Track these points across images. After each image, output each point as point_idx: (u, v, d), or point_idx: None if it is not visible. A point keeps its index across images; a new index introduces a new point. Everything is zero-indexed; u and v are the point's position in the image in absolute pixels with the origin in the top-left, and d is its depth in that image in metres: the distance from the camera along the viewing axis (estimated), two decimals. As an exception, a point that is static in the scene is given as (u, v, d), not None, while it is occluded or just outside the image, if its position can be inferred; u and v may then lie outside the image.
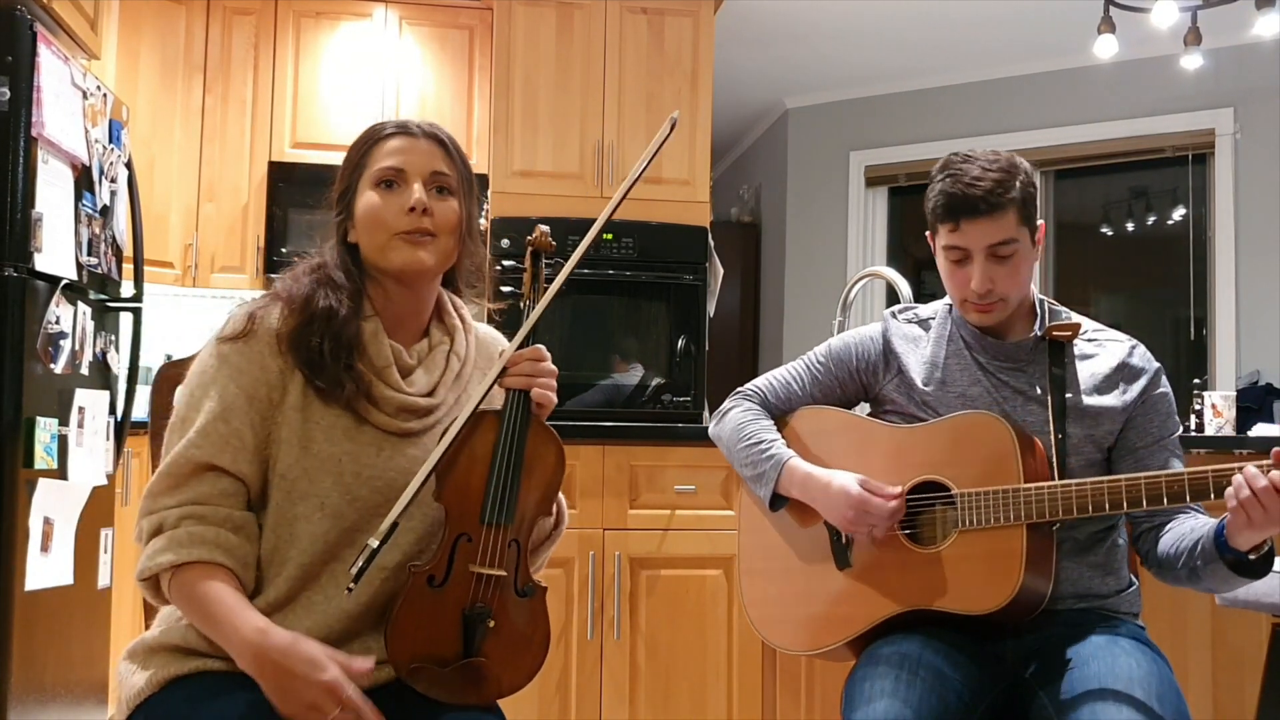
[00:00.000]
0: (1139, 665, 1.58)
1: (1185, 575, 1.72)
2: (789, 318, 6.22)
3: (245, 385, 1.47)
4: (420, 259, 1.53)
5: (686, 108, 4.28)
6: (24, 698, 2.58)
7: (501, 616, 1.48)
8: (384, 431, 1.51)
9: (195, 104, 4.44)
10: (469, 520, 1.48)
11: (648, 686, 2.92)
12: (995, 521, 1.67)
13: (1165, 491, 1.58)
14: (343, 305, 1.51)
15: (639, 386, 4.14)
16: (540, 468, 1.54)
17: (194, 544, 1.41)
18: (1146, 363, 1.84)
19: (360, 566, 1.40)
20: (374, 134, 1.59)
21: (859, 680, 1.66)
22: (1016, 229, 1.76)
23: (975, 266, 1.76)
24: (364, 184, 1.55)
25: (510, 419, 1.50)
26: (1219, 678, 2.99)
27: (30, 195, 2.61)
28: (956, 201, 1.75)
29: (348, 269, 1.56)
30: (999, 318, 1.81)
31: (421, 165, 1.55)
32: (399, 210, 1.52)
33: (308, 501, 1.47)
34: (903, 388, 1.88)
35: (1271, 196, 5.08)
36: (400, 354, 1.55)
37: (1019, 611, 1.67)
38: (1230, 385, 5.01)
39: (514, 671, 1.50)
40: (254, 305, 1.53)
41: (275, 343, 1.49)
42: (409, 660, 1.45)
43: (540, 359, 1.55)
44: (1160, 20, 3.89)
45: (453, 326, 1.64)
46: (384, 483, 1.49)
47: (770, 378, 2.02)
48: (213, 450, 1.45)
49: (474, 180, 1.64)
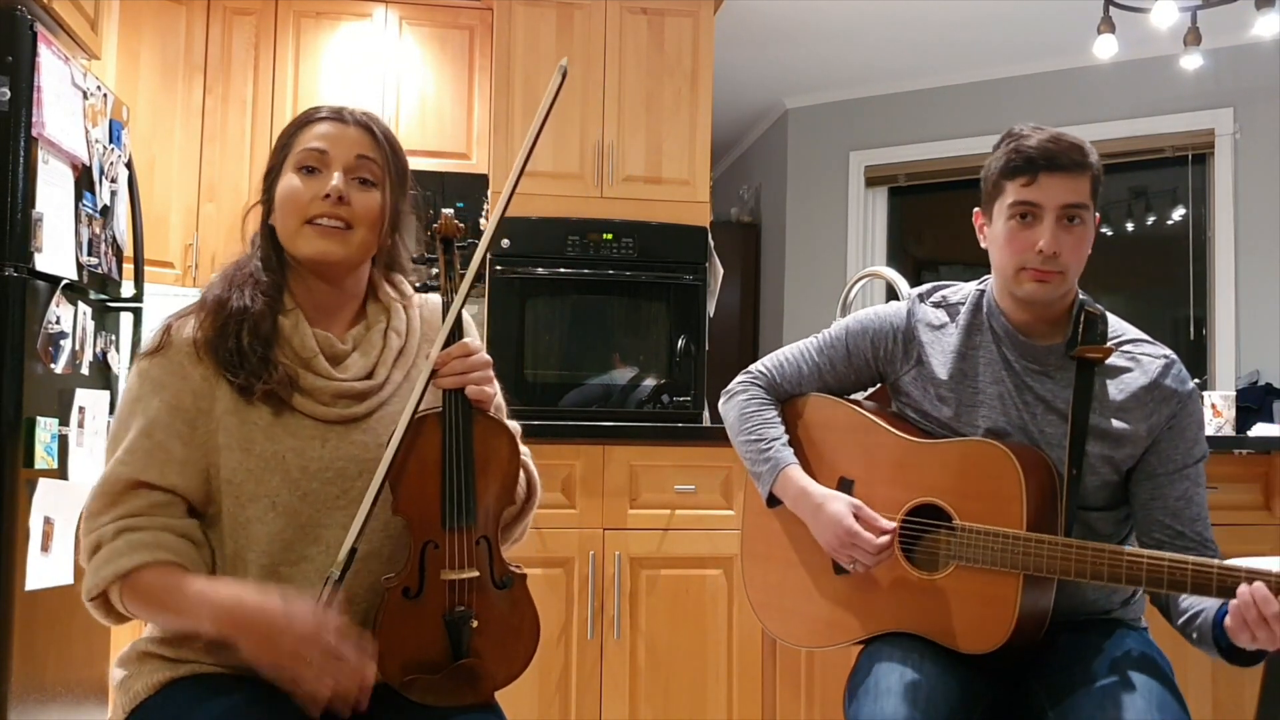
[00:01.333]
0: (1140, 673, 1.58)
1: (1180, 630, 1.68)
2: (789, 318, 6.22)
3: (168, 398, 1.45)
4: (328, 250, 1.48)
5: (686, 108, 4.28)
6: (24, 698, 2.58)
7: (484, 614, 1.46)
8: (325, 422, 1.48)
9: (195, 104, 4.44)
10: (431, 528, 1.45)
11: (648, 686, 2.92)
12: (992, 565, 1.63)
13: (1165, 578, 1.51)
14: (257, 301, 1.48)
15: (639, 386, 4.14)
16: (494, 461, 1.50)
17: (134, 550, 1.40)
18: (1180, 385, 1.71)
19: (327, 597, 1.37)
20: (305, 117, 1.55)
21: (861, 679, 1.66)
22: (1089, 198, 1.67)
23: (1046, 226, 1.65)
24: (287, 166, 1.52)
25: (451, 420, 1.46)
26: (1219, 678, 2.99)
27: (30, 195, 2.61)
28: (1036, 153, 1.65)
29: (269, 260, 1.52)
30: (1055, 292, 1.69)
31: (345, 152, 1.51)
32: (314, 195, 1.48)
33: (258, 503, 1.45)
34: (920, 381, 1.81)
35: (1271, 196, 5.08)
36: (331, 342, 1.51)
37: (1013, 650, 1.64)
38: (1230, 385, 5.01)
39: (509, 662, 1.49)
40: (171, 317, 1.52)
41: (193, 351, 1.47)
42: (401, 673, 1.43)
43: (469, 354, 1.48)
44: (1160, 20, 3.89)
45: (389, 302, 1.59)
46: (334, 473, 1.47)
47: (781, 358, 1.95)
48: (139, 467, 1.43)
49: (406, 173, 1.59)
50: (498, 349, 4.03)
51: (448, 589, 1.44)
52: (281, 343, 1.48)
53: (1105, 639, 1.68)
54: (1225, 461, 3.05)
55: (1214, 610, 1.58)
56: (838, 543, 1.74)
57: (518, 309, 4.07)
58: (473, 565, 1.45)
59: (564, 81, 1.49)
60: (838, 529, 1.73)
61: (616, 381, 4.15)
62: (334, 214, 1.48)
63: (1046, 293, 1.69)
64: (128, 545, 1.40)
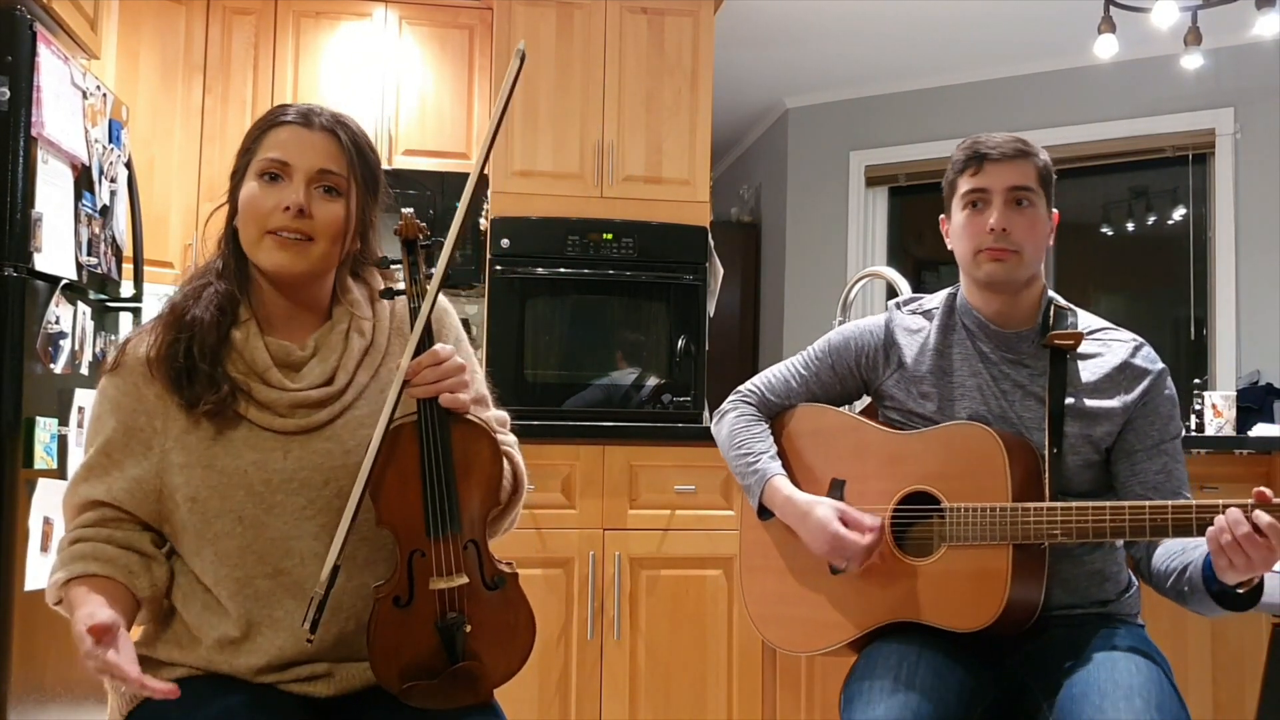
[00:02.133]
0: (1139, 672, 1.58)
1: (1174, 596, 1.71)
2: (789, 318, 6.22)
3: (123, 418, 1.46)
4: (287, 263, 1.45)
5: (686, 108, 4.28)
6: (24, 698, 2.58)
7: (477, 617, 1.45)
8: (284, 433, 1.45)
9: (195, 104, 4.44)
10: (417, 537, 1.43)
11: (648, 686, 2.92)
12: (981, 540, 1.67)
13: (1148, 524, 1.57)
14: (208, 313, 1.45)
15: (639, 386, 4.14)
16: (476, 465, 1.47)
17: (72, 562, 1.42)
18: (1150, 363, 1.81)
19: (313, 618, 1.37)
20: (271, 118, 1.49)
21: (858, 680, 1.66)
22: (1035, 183, 1.79)
23: (994, 208, 1.77)
24: (250, 171, 1.47)
25: (428, 429, 1.42)
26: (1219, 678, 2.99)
27: (30, 195, 2.61)
28: (981, 148, 1.80)
29: (228, 268, 1.49)
30: (1013, 272, 1.78)
31: (309, 161, 1.45)
32: (275, 206, 1.44)
33: (223, 518, 1.43)
34: (902, 382, 1.87)
35: (1271, 196, 5.08)
36: (288, 350, 1.48)
37: (1009, 625, 1.67)
38: (1230, 385, 5.01)
39: (506, 661, 1.49)
40: (130, 334, 1.52)
41: (146, 370, 1.45)
42: (399, 681, 1.43)
43: (440, 361, 1.43)
44: (1160, 20, 3.89)
45: (352, 303, 1.55)
46: (298, 484, 1.45)
47: (770, 375, 2.01)
48: (92, 486, 1.45)
49: (376, 177, 1.54)
50: (498, 349, 4.03)
51: (438, 597, 1.42)
52: (233, 356, 1.46)
53: (1103, 638, 1.68)
54: (1225, 461, 3.05)
55: (1200, 558, 1.63)
56: (827, 547, 1.78)
57: (518, 309, 4.07)
58: (461, 572, 1.43)
59: (522, 65, 1.45)
60: (824, 534, 1.77)
61: (616, 382, 4.15)
62: (294, 227, 1.44)
63: (1004, 272, 1.78)
64: (70, 557, 1.43)
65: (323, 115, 1.50)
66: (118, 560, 1.43)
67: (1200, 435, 3.35)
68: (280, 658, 1.44)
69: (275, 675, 1.45)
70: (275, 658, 1.44)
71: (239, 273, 1.50)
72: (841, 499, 1.84)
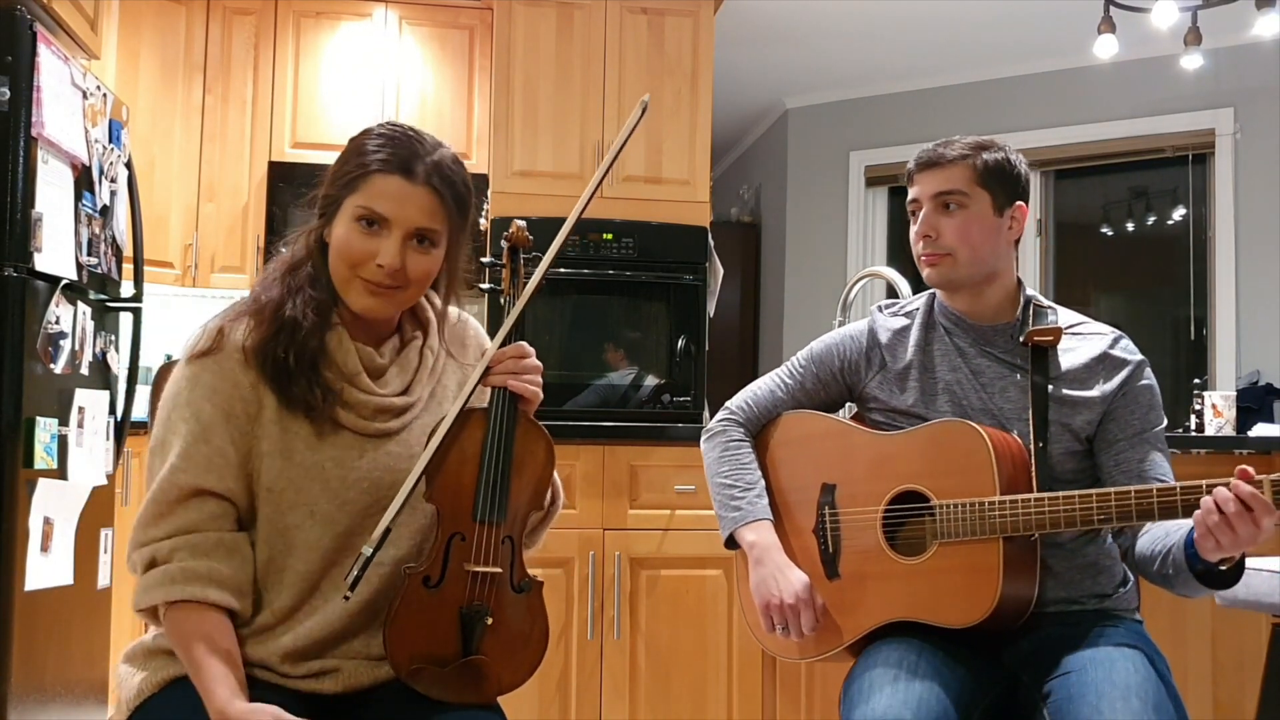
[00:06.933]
0: (1137, 671, 1.58)
1: (1160, 580, 1.72)
2: (789, 318, 6.22)
3: (220, 403, 1.46)
4: (376, 309, 1.50)
5: (686, 108, 4.28)
6: (24, 698, 2.58)
7: (499, 614, 1.47)
8: (363, 435, 1.50)
9: (195, 104, 4.44)
10: (462, 519, 1.48)
11: (648, 686, 2.92)
12: (972, 535, 1.68)
13: (1134, 509, 1.58)
14: (308, 317, 1.48)
15: (639, 386, 4.14)
16: (530, 464, 1.53)
17: (187, 580, 1.41)
18: (1128, 354, 1.82)
19: (356, 575, 1.40)
20: (373, 162, 1.47)
21: (857, 681, 1.66)
22: (967, 185, 1.81)
23: (924, 215, 1.83)
24: (347, 207, 1.47)
25: (497, 417, 1.50)
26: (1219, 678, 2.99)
27: (30, 195, 2.61)
28: (912, 160, 1.87)
29: (320, 277, 1.51)
30: (947, 275, 1.82)
31: (410, 219, 1.46)
32: (369, 257, 1.46)
33: (297, 510, 1.47)
34: (885, 382, 1.88)
35: (1271, 196, 5.08)
36: (371, 357, 1.52)
37: (1003, 621, 1.67)
38: (1230, 385, 5.01)
39: (514, 668, 1.50)
40: (222, 319, 1.51)
41: (243, 357, 1.47)
42: (409, 662, 1.44)
43: (523, 355, 1.53)
44: (1160, 20, 3.90)
45: (425, 320, 1.61)
46: (370, 483, 1.49)
47: (755, 390, 2.02)
48: (197, 473, 1.44)
49: (469, 216, 1.57)
50: (498, 349, 4.03)
51: (469, 580, 1.45)
52: (327, 360, 1.49)
53: (1101, 635, 1.68)
54: (1225, 461, 3.05)
55: (1182, 538, 1.64)
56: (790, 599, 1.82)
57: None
58: (496, 561, 1.47)
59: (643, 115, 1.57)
60: (790, 588, 1.81)
61: (616, 382, 4.15)
62: (385, 281, 1.47)
63: (937, 275, 1.83)
64: (182, 573, 1.41)
65: (427, 167, 1.49)
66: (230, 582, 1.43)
67: (1200, 435, 3.35)
68: (307, 639, 1.46)
69: (289, 668, 1.46)
70: (303, 639, 1.46)
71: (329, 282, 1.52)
72: (833, 503, 1.84)
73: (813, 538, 1.85)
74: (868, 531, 1.79)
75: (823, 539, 1.84)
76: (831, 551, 1.83)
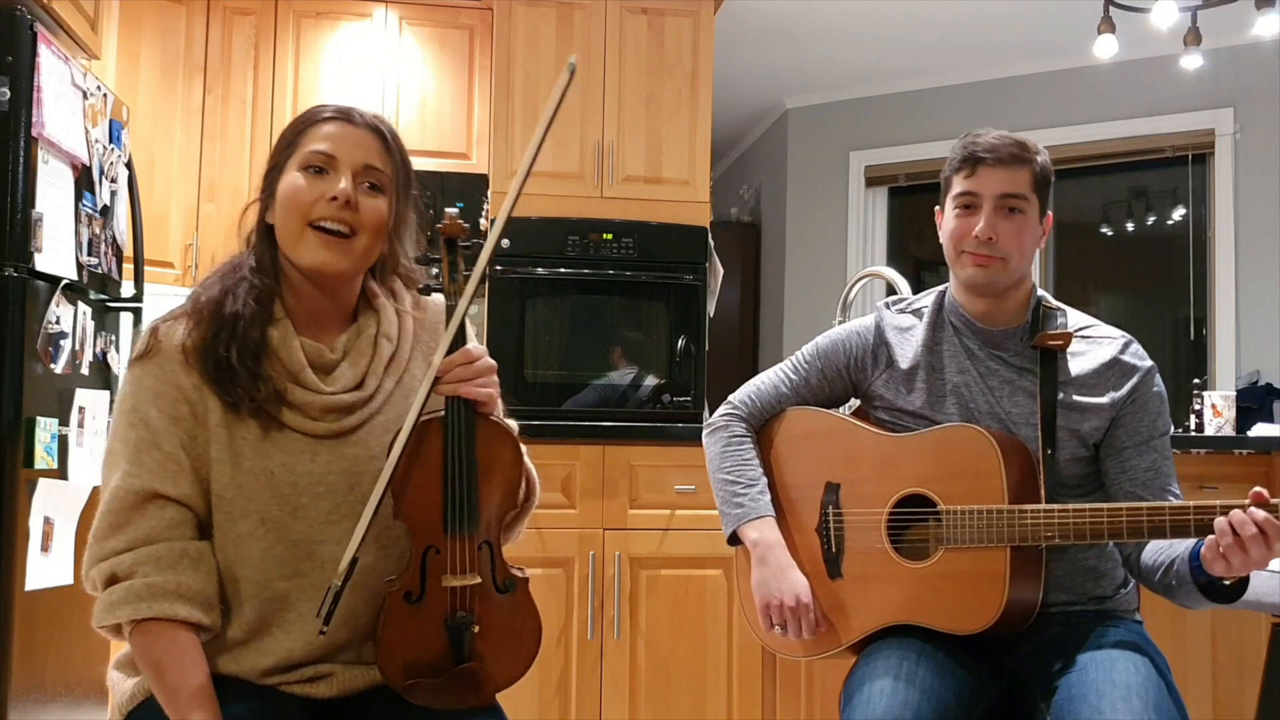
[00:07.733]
0: (1137, 672, 1.58)
1: (1162, 590, 1.71)
2: (789, 318, 6.22)
3: (165, 407, 1.41)
4: (330, 261, 1.44)
5: (686, 108, 4.28)
6: (24, 698, 2.58)
7: (486, 619, 1.44)
8: (314, 436, 1.44)
9: (195, 104, 4.44)
10: (433, 533, 1.43)
11: (648, 686, 2.92)
12: (979, 542, 1.66)
13: (1146, 525, 1.57)
14: (248, 309, 1.43)
15: (639, 386, 4.14)
16: (498, 466, 1.48)
17: (154, 597, 1.36)
18: (1138, 360, 1.80)
19: (329, 609, 1.36)
20: (312, 115, 1.49)
21: (857, 680, 1.66)
22: (1028, 189, 1.77)
23: (983, 213, 1.76)
24: (291, 164, 1.46)
25: (454, 427, 1.43)
26: (1219, 678, 2.99)
27: (30, 195, 2.61)
28: (978, 148, 1.78)
29: (263, 263, 1.47)
30: (995, 277, 1.78)
31: (355, 156, 1.45)
32: (320, 196, 1.43)
33: (248, 519, 1.42)
34: (891, 382, 1.86)
35: (1271, 196, 5.08)
36: (320, 353, 1.47)
37: (1008, 627, 1.67)
38: (1230, 385, 5.01)
39: (510, 666, 1.49)
40: (158, 319, 1.47)
41: (184, 358, 1.42)
42: (403, 676, 1.42)
43: (471, 360, 1.43)
44: (1160, 20, 3.90)
45: (380, 306, 1.54)
46: (325, 488, 1.44)
47: (759, 384, 2.00)
48: (151, 478, 1.39)
49: (412, 178, 1.54)
50: (498, 350, 4.02)
51: (449, 595, 1.42)
52: (270, 355, 1.44)
53: (1101, 636, 1.68)
54: (1225, 461, 3.05)
55: (1186, 550, 1.63)
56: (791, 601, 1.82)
57: (518, 309, 4.07)
58: (474, 571, 1.43)
59: (572, 79, 1.44)
60: (790, 589, 1.81)
61: (616, 382, 4.15)
62: (340, 218, 1.43)
63: (985, 276, 1.78)
64: (147, 589, 1.36)
65: (364, 114, 1.50)
66: (198, 597, 1.38)
67: (1200, 435, 3.35)
68: (288, 659, 1.44)
69: (280, 676, 1.45)
70: (283, 659, 1.44)
71: (274, 270, 1.48)
72: (837, 502, 1.84)
73: (815, 536, 1.85)
74: (872, 533, 1.79)
75: (826, 538, 1.84)
76: (834, 551, 1.83)
